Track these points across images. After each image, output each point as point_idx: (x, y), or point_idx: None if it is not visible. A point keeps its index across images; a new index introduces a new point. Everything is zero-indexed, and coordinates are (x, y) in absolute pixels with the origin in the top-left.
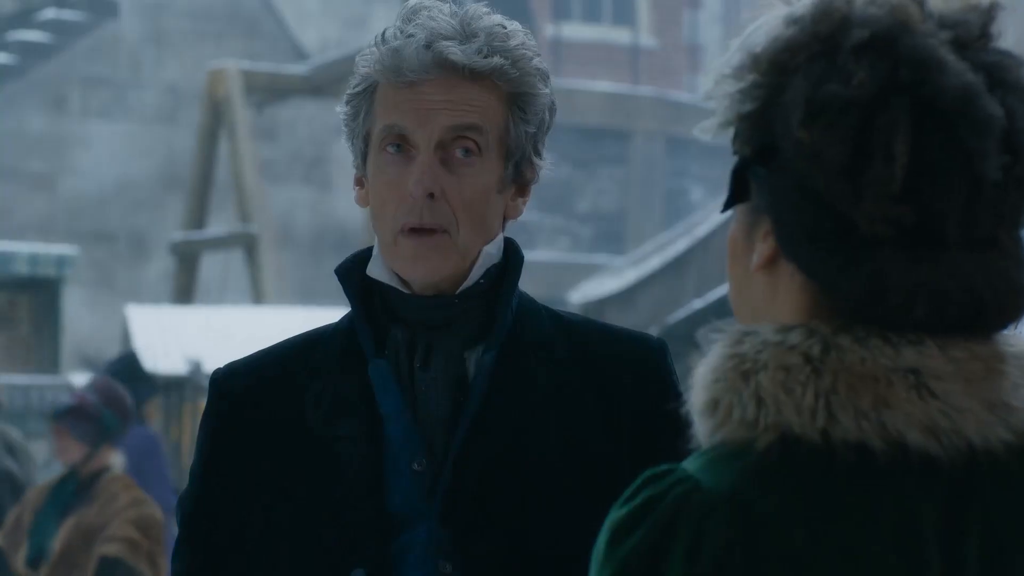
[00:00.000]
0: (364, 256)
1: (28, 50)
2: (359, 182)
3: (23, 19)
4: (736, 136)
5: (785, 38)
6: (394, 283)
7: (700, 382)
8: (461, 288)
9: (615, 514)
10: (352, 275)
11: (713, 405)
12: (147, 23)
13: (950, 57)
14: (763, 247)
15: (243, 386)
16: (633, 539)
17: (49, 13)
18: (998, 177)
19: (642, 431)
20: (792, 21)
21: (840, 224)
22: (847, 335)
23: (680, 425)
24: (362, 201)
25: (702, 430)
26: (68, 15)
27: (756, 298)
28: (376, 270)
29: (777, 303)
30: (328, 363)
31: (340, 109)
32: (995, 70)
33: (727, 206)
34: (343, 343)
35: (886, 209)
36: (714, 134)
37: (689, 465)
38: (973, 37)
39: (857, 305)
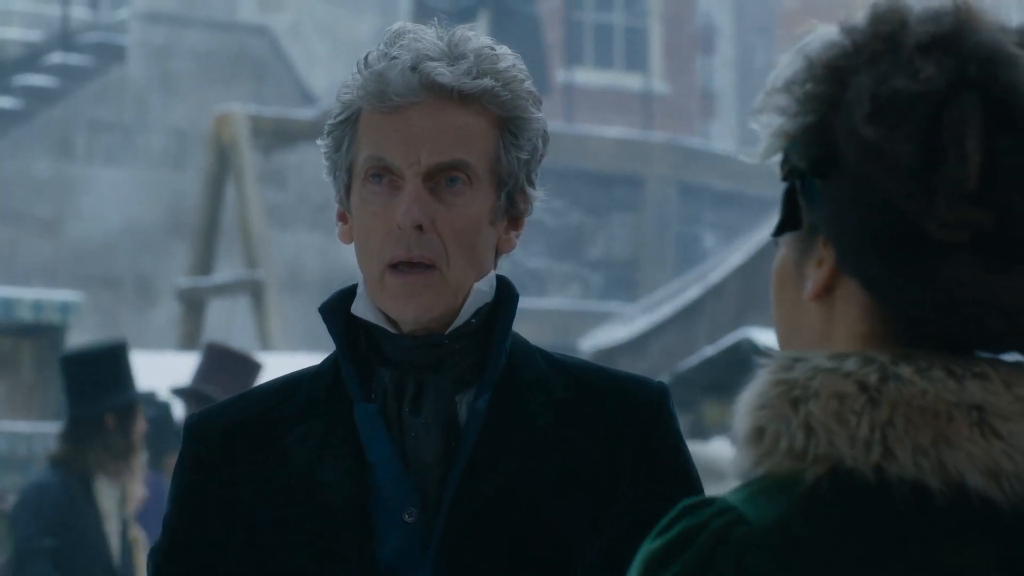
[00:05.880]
0: (349, 293)
1: (34, 95)
2: (342, 217)
3: (29, 63)
4: (789, 152)
5: (843, 44)
6: (380, 322)
7: (744, 408)
8: (451, 328)
9: (649, 546)
10: (337, 313)
11: (758, 433)
12: (154, 67)
13: (1020, 52)
14: (818, 274)
15: (219, 432)
16: (668, 574)
17: (56, 58)
18: None
19: (643, 471)
20: (848, 30)
21: (908, 230)
22: (908, 364)
23: (679, 467)
24: (345, 237)
25: (745, 460)
26: (75, 59)
27: (808, 330)
28: (361, 308)
29: (832, 333)
30: (312, 405)
31: (321, 141)
32: None
33: (778, 232)
34: (327, 384)
35: (961, 212)
36: (763, 157)
37: (731, 497)
38: None
39: (925, 318)
